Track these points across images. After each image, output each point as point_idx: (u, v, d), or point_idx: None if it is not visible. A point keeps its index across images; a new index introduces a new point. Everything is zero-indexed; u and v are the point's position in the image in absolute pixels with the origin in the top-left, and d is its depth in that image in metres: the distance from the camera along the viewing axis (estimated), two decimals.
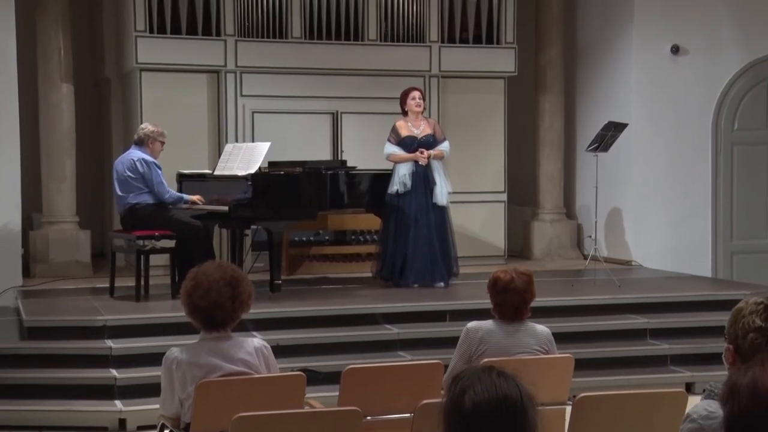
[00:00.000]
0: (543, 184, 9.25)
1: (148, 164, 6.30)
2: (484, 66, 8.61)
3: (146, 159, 6.31)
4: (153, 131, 6.41)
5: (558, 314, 6.26)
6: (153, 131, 6.41)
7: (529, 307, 3.60)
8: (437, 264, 6.99)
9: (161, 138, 6.46)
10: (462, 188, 8.41)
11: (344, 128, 8.32)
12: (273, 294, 6.46)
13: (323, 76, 8.24)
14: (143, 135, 6.41)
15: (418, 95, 7.11)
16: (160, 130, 6.45)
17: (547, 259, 9.09)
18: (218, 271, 2.92)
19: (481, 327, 3.57)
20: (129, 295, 6.42)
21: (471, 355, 3.53)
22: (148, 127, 6.45)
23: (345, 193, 6.87)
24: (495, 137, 8.78)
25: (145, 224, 6.32)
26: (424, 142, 7.06)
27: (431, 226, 6.97)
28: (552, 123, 9.19)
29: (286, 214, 6.53)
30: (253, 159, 6.57)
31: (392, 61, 8.33)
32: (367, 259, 7.77)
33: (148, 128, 6.43)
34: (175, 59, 7.85)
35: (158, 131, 6.43)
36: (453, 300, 6.51)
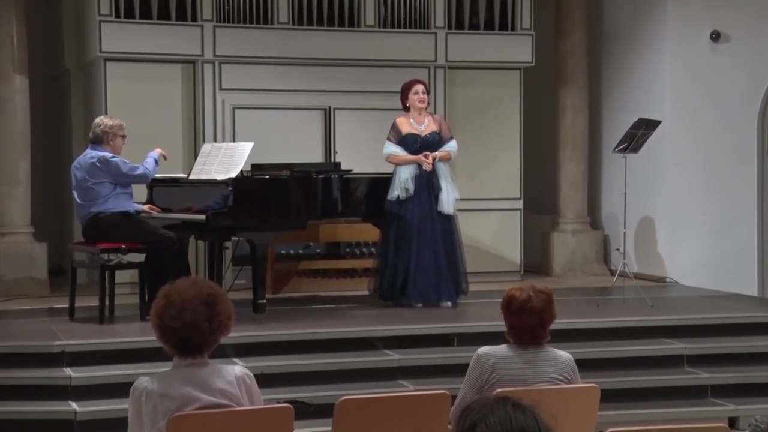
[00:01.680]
0: (564, 189, 9.26)
1: (107, 162, 6.29)
2: (496, 55, 8.64)
3: (103, 156, 6.31)
4: (111, 126, 6.41)
5: (582, 338, 6.25)
6: (111, 126, 6.41)
7: (549, 330, 3.60)
8: (443, 280, 7.00)
9: (121, 132, 6.46)
10: (471, 194, 8.42)
11: (338, 126, 8.34)
12: (256, 315, 6.45)
13: (314, 67, 8.27)
14: (100, 132, 6.41)
15: (421, 89, 7.13)
16: (118, 122, 6.45)
17: (569, 275, 9.09)
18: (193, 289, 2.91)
19: (493, 353, 3.57)
20: (91, 316, 6.41)
21: (482, 384, 3.53)
22: (104, 121, 6.44)
23: (338, 199, 6.88)
24: (509, 136, 8.79)
25: (110, 235, 6.33)
26: (429, 141, 7.08)
27: (437, 238, 6.98)
28: (574, 120, 9.21)
29: (271, 223, 6.53)
30: (234, 161, 6.58)
31: (392, 49, 8.36)
32: (364, 274, 7.77)
33: (105, 123, 6.42)
34: (145, 47, 7.87)
35: (117, 125, 6.43)
36: (461, 322, 6.50)
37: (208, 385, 2.94)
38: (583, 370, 3.77)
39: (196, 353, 2.96)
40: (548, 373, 3.56)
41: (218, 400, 2.94)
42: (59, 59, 9.07)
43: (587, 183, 9.30)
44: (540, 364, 3.56)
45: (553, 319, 3.60)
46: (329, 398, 4.76)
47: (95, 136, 6.41)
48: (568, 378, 3.59)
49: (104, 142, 6.40)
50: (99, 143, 6.41)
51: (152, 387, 2.92)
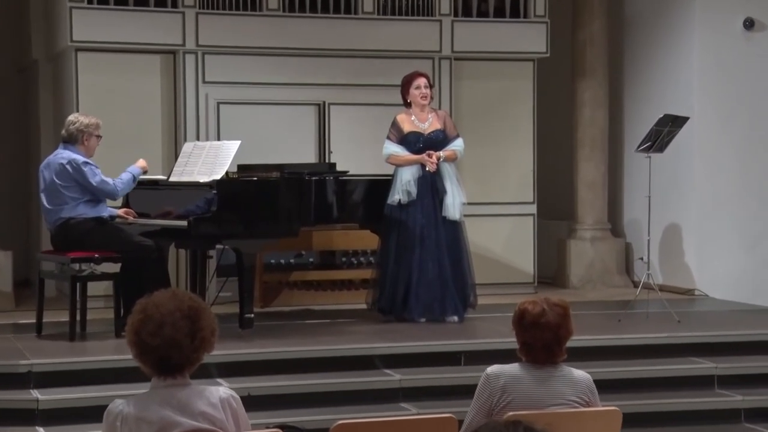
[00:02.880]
0: (582, 192, 9.26)
1: (78, 166, 6.30)
2: (508, 45, 8.66)
3: (74, 160, 6.32)
4: (87, 124, 6.42)
5: (601, 356, 6.25)
6: (87, 124, 6.42)
7: (565, 348, 3.61)
8: (449, 293, 7.00)
9: (97, 131, 6.47)
10: (480, 198, 8.42)
11: (333, 123, 8.35)
12: (243, 331, 6.46)
13: (306, 58, 8.28)
14: (74, 131, 6.42)
15: (423, 83, 7.14)
16: (94, 121, 6.46)
17: (588, 288, 9.09)
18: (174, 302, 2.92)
19: (504, 372, 3.57)
20: (61, 333, 6.41)
21: (492, 407, 3.54)
22: (79, 119, 6.45)
23: (334, 204, 6.89)
24: (521, 134, 8.81)
25: (82, 243, 6.33)
26: (432, 140, 7.09)
27: (441, 246, 6.98)
28: (593, 116, 9.22)
29: (259, 230, 6.53)
30: (219, 162, 6.59)
31: (393, 39, 8.37)
32: (362, 286, 7.77)
33: (80, 121, 6.43)
34: (120, 36, 7.88)
35: (93, 123, 6.44)
36: (469, 338, 6.50)
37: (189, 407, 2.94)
38: (602, 392, 3.77)
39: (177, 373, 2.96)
40: (564, 395, 3.56)
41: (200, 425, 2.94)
42: (26, 49, 9.08)
43: (607, 186, 9.30)
44: (555, 385, 3.56)
45: (569, 335, 3.61)
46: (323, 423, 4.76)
47: (69, 134, 6.42)
48: (586, 400, 3.60)
49: (78, 141, 6.41)
50: (72, 143, 6.42)
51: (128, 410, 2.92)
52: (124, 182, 6.45)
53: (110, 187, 6.37)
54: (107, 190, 6.37)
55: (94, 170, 6.35)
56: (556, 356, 3.59)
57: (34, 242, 8.89)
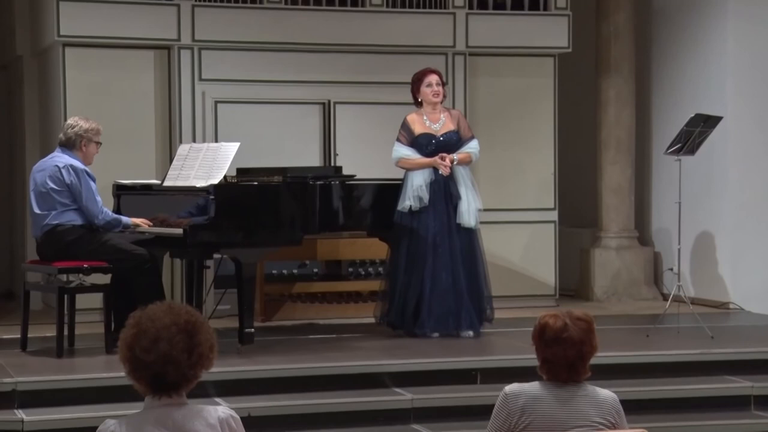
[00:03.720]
0: (607, 198, 9.26)
1: (78, 172, 6.34)
2: (527, 40, 8.66)
3: (75, 166, 6.35)
4: (87, 129, 6.45)
5: (628, 374, 6.25)
6: (87, 129, 6.45)
7: (589, 365, 3.61)
8: (464, 306, 7.00)
9: (97, 137, 6.50)
10: (496, 204, 8.43)
11: (338, 123, 8.36)
12: (243, 347, 6.47)
13: (310, 53, 8.30)
14: (73, 135, 6.45)
15: (435, 80, 7.15)
16: (95, 126, 6.49)
17: (613, 300, 9.08)
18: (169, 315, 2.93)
19: (523, 391, 3.58)
20: (48, 348, 6.42)
21: (510, 429, 3.54)
22: (79, 123, 6.48)
23: (340, 210, 6.90)
24: (541, 135, 8.81)
25: (70, 252, 6.35)
26: (445, 142, 7.10)
27: (455, 255, 6.99)
28: (619, 116, 9.22)
29: (260, 238, 6.55)
30: (217, 165, 6.61)
31: (403, 33, 8.38)
32: (370, 299, 7.78)
33: (80, 125, 6.46)
34: (111, 30, 7.91)
35: (93, 128, 6.47)
36: (485, 355, 6.50)
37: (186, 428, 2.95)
38: (629, 413, 3.77)
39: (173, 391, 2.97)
40: (588, 416, 3.56)
41: None
42: (9, 45, 9.12)
43: (634, 191, 9.30)
44: (578, 405, 3.56)
45: (594, 351, 3.61)
46: None
47: (67, 138, 6.44)
48: (612, 422, 3.60)
49: (76, 147, 6.44)
50: (70, 147, 6.44)
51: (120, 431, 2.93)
52: (108, 218, 6.40)
53: (97, 210, 6.34)
54: (91, 208, 6.33)
55: (92, 185, 6.35)
56: (580, 374, 3.59)
57: (18, 251, 8.91)
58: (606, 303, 9.00)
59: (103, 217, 6.37)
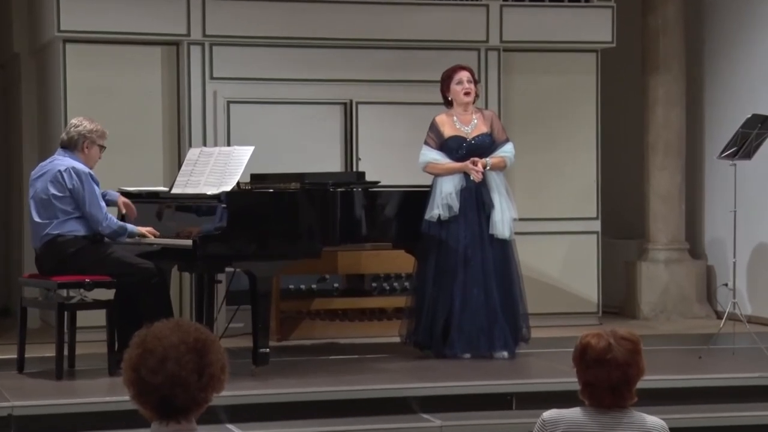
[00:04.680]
0: (655, 206, 9.23)
1: (80, 175, 6.37)
2: (567, 34, 8.66)
3: (78, 168, 6.39)
4: (91, 130, 6.49)
5: (679, 400, 6.22)
6: (91, 130, 6.49)
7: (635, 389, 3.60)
8: (498, 324, 6.99)
9: (101, 140, 6.54)
10: (533, 213, 8.41)
11: (361, 125, 8.38)
12: (257, 368, 6.49)
13: (331, 49, 8.32)
14: (76, 135, 6.49)
15: (466, 77, 7.15)
16: (99, 128, 6.53)
17: (662, 318, 9.05)
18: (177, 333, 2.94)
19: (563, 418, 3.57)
20: (46, 370, 6.44)
21: None
22: (83, 123, 6.52)
23: (362, 219, 6.91)
24: (583, 138, 8.79)
25: (71, 265, 6.38)
26: (477, 145, 7.09)
27: (488, 269, 6.97)
28: (668, 117, 9.19)
29: (276, 250, 6.57)
30: (229, 171, 6.64)
31: (432, 27, 8.40)
32: (395, 316, 7.78)
33: (83, 126, 6.50)
34: (115, 25, 7.96)
35: (98, 130, 6.51)
36: (521, 378, 6.49)
37: None
38: None
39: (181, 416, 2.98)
40: None
41: None
42: (5, 42, 9.19)
43: (684, 198, 9.26)
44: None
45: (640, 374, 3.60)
46: None
47: (69, 138, 6.49)
48: None
49: (78, 148, 6.48)
50: (71, 148, 6.48)
51: None
52: (114, 225, 6.44)
53: (101, 216, 6.38)
54: (95, 214, 6.37)
55: (95, 188, 6.39)
56: (625, 399, 3.58)
57: (15, 264, 8.97)
58: (654, 321, 8.96)
59: (108, 224, 6.40)
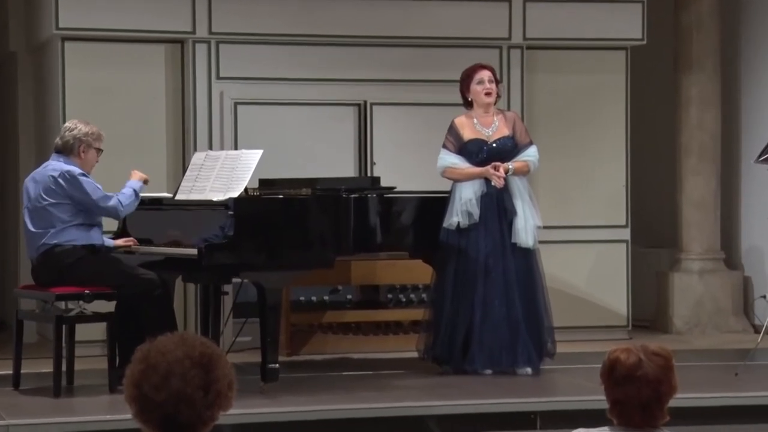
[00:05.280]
0: (688, 213, 9.20)
1: (73, 177, 6.39)
2: (594, 30, 8.64)
3: (71, 171, 6.40)
4: (87, 133, 6.51)
5: (714, 419, 6.20)
6: (87, 133, 6.51)
7: (667, 408, 3.59)
8: (521, 339, 6.98)
9: (98, 143, 6.57)
10: (558, 220, 8.40)
11: (376, 127, 8.38)
12: (265, 384, 6.49)
13: (343, 47, 8.33)
14: (71, 139, 6.51)
15: (487, 76, 7.15)
16: (95, 131, 6.55)
17: (695, 332, 9.02)
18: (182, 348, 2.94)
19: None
20: (44, 387, 6.45)
21: None
22: (78, 126, 6.54)
23: (377, 227, 6.91)
24: (611, 141, 8.77)
25: (69, 276, 6.40)
26: (499, 149, 7.08)
27: (510, 280, 6.96)
28: (702, 118, 9.16)
29: (286, 260, 6.57)
30: (236, 176, 6.65)
31: (451, 24, 8.40)
32: (412, 330, 7.77)
33: (78, 128, 6.52)
34: (116, 22, 7.97)
35: (94, 133, 6.54)
36: (546, 395, 6.48)
37: None
38: None
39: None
40: None
41: None
42: (2, 40, 9.22)
43: (720, 205, 9.23)
44: None
45: (672, 392, 3.59)
46: None
47: (63, 143, 6.51)
48: None
49: (74, 152, 6.50)
50: (66, 153, 6.50)
51: None
52: (127, 198, 6.52)
53: (113, 201, 6.44)
54: (109, 207, 6.43)
55: (94, 183, 6.43)
56: (656, 418, 3.57)
57: (10, 275, 8.99)
58: (687, 336, 8.93)
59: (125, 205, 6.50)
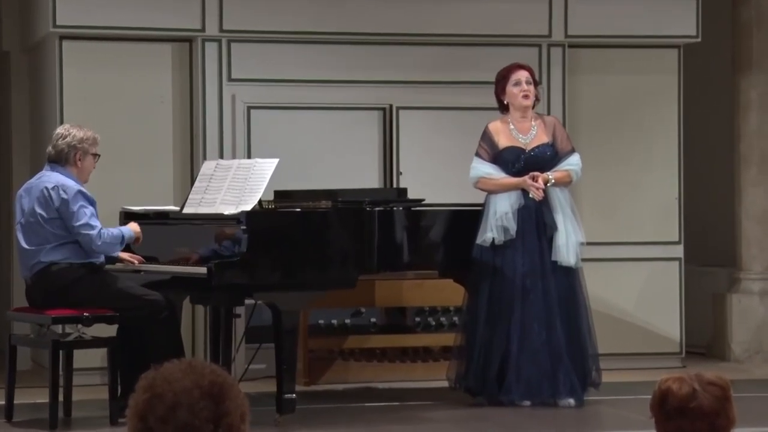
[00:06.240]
0: (748, 229, 9.17)
1: (68, 192, 6.40)
2: (643, 27, 8.63)
3: (67, 185, 6.43)
4: (81, 139, 6.54)
5: None
6: (81, 139, 6.54)
7: None
8: (562, 367, 6.95)
9: (94, 148, 6.59)
10: (603, 237, 8.38)
11: (403, 134, 8.38)
12: (281, 417, 6.49)
13: (367, 46, 8.34)
14: (65, 147, 6.55)
15: (525, 77, 7.14)
16: (90, 135, 6.58)
17: (756, 360, 8.97)
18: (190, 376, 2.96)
19: None
20: (39, 419, 6.47)
21: None
22: (71, 132, 6.57)
23: (404, 243, 6.92)
24: (662, 149, 8.75)
25: (66, 297, 6.43)
26: (537, 158, 7.07)
27: (551, 302, 6.95)
28: (763, 124, 9.13)
29: (304, 279, 6.58)
30: (249, 187, 6.67)
31: (485, 20, 8.39)
32: (442, 357, 7.76)
33: (71, 135, 6.55)
34: (119, 20, 8.00)
35: (89, 138, 6.56)
36: (590, 429, 6.50)
37: None
38: None
39: None
40: None
41: None
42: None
43: None
44: None
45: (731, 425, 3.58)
46: None
47: (57, 152, 6.54)
48: None
49: (69, 161, 6.53)
50: (61, 163, 6.54)
51: None
52: (111, 237, 6.47)
53: (93, 233, 6.40)
54: (85, 237, 6.39)
55: (85, 209, 6.42)
56: None
57: (2, 296, 9.03)
58: (747, 363, 8.89)
59: (104, 241, 6.41)
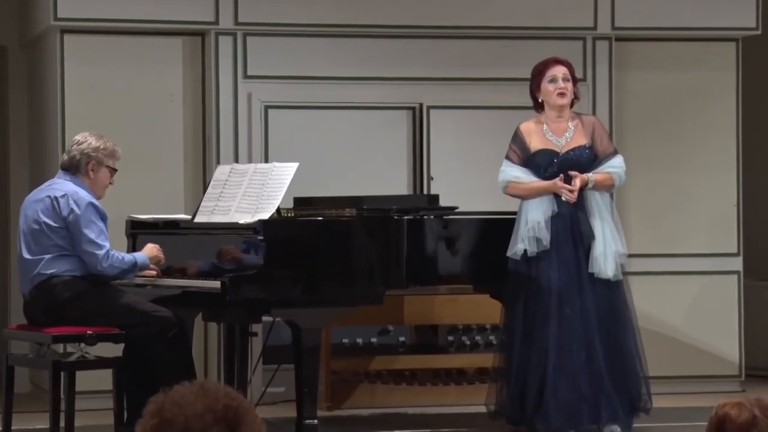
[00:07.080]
0: None
1: (79, 204, 6.45)
2: (697, 19, 8.61)
3: (79, 196, 6.46)
4: (97, 148, 6.55)
5: None
6: (97, 148, 6.55)
7: None
8: (604, 391, 6.89)
9: (110, 160, 6.60)
10: (651, 248, 8.36)
11: (434, 136, 8.38)
12: None
13: (394, 40, 8.34)
14: (78, 154, 6.57)
15: (561, 73, 7.02)
16: (109, 146, 6.59)
17: None
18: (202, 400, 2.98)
19: None
20: None
21: None
22: (88, 140, 6.59)
23: (435, 255, 6.92)
24: (719, 151, 8.72)
25: (68, 314, 6.45)
26: (572, 161, 6.96)
27: (589, 319, 6.86)
28: None
29: (326, 295, 6.60)
30: (267, 194, 6.69)
31: (524, 12, 8.40)
32: (478, 380, 7.76)
33: (88, 143, 6.57)
34: (125, 12, 8.03)
35: (106, 149, 6.57)
36: None
37: None
38: None
39: None
40: None
41: None
42: None
43: None
44: None
45: None
46: None
47: (70, 159, 6.56)
48: None
49: (81, 170, 6.55)
50: (73, 171, 6.56)
51: None
52: (123, 262, 6.46)
53: (97, 255, 6.39)
54: (90, 256, 6.39)
55: (94, 224, 6.43)
56: None
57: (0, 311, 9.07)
58: None
59: (111, 264, 6.41)
